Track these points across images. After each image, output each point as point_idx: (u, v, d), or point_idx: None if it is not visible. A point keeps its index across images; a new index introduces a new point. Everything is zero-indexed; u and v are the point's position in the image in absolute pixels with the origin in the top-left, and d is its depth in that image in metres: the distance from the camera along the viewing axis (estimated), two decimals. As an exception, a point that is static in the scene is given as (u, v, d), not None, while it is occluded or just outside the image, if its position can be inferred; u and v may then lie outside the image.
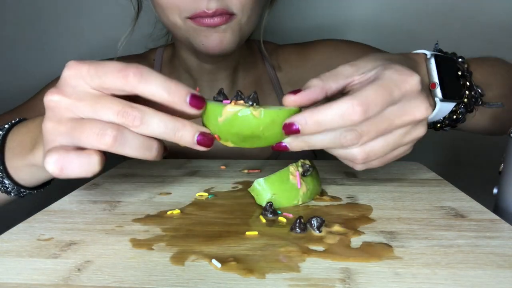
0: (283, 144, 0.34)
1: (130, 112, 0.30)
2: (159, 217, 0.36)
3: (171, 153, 0.65)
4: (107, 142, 0.30)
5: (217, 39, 0.52)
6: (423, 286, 0.24)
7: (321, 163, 0.53)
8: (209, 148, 0.33)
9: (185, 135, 0.32)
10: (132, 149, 0.31)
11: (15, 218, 0.40)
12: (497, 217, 0.34)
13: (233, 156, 0.64)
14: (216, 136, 0.34)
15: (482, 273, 0.26)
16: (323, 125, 0.32)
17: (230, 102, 0.33)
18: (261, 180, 0.37)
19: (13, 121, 0.43)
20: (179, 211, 0.37)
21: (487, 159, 0.56)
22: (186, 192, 0.43)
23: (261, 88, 0.69)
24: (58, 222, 0.35)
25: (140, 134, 0.31)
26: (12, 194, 0.43)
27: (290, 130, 0.32)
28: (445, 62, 0.45)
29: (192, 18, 0.51)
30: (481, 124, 0.53)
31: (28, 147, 0.39)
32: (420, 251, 0.29)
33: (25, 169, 0.40)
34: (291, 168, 0.38)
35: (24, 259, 0.29)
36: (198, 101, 0.32)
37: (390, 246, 0.29)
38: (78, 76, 0.31)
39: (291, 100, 0.33)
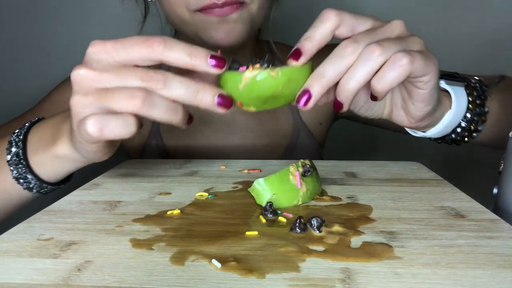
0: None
1: (154, 76, 0.32)
2: (159, 217, 0.36)
3: (172, 153, 0.66)
4: (137, 103, 0.32)
5: (227, 29, 0.51)
6: (423, 286, 0.24)
7: (321, 163, 0.53)
8: (228, 110, 0.34)
9: (206, 96, 0.33)
10: (159, 111, 0.33)
11: (15, 218, 0.40)
12: (497, 217, 0.34)
13: (233, 156, 0.64)
14: (238, 103, 0.35)
15: (482, 273, 0.26)
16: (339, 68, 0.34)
17: (247, 68, 0.34)
18: (261, 180, 0.37)
19: (32, 120, 0.45)
20: (179, 211, 0.37)
21: (487, 159, 0.56)
22: (186, 192, 0.43)
23: None
24: (58, 222, 0.35)
25: (165, 97, 0.33)
26: (34, 191, 0.44)
27: (304, 97, 0.34)
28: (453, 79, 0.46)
29: (201, 10, 0.50)
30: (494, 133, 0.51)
31: (49, 141, 0.41)
32: (420, 251, 0.29)
33: (48, 162, 0.42)
34: (291, 168, 0.38)
35: (24, 259, 0.29)
36: (219, 60, 0.33)
37: (390, 246, 0.29)
38: (103, 51, 0.33)
39: (294, 64, 0.35)
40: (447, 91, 0.45)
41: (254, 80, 0.33)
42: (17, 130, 0.44)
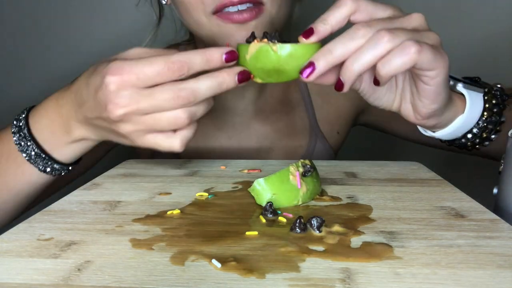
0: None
1: (182, 95, 0.36)
2: (159, 217, 0.36)
3: (171, 153, 0.65)
4: (184, 123, 0.38)
5: (246, 36, 0.49)
6: (423, 286, 0.24)
7: (321, 163, 0.53)
8: (249, 81, 0.39)
9: (229, 83, 0.38)
10: (200, 114, 0.39)
11: (15, 218, 0.40)
12: (497, 217, 0.34)
13: (233, 156, 0.64)
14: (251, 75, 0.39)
15: (482, 273, 0.26)
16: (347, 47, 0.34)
17: (253, 40, 0.37)
18: (261, 180, 0.37)
19: (20, 118, 0.46)
20: (179, 211, 0.37)
21: (487, 159, 0.56)
22: (186, 192, 0.43)
23: (288, 97, 0.66)
24: (58, 222, 0.35)
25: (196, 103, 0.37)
26: (63, 173, 0.47)
27: (308, 69, 0.35)
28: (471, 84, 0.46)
29: (218, 12, 0.48)
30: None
31: (61, 132, 0.44)
32: (420, 251, 0.29)
33: (71, 149, 0.45)
34: (291, 168, 0.38)
35: (24, 259, 0.29)
36: (230, 55, 0.37)
37: (390, 246, 0.29)
38: (128, 85, 0.36)
39: (303, 42, 0.36)
40: (463, 95, 0.44)
41: (258, 52, 0.37)
42: (14, 129, 0.45)
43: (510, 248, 0.29)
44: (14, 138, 0.45)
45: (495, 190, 0.40)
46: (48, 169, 0.46)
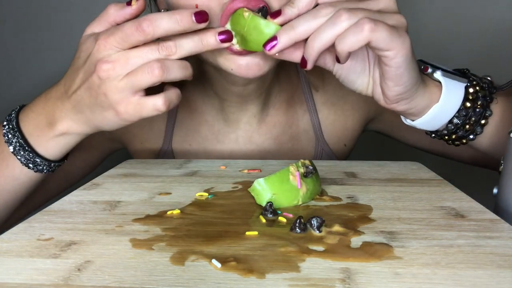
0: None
1: (166, 45, 0.39)
2: (159, 217, 0.36)
3: (174, 155, 0.65)
4: (158, 74, 0.39)
5: (247, 62, 0.44)
6: (423, 286, 0.24)
7: (321, 163, 0.53)
8: (232, 40, 0.41)
9: (209, 39, 0.40)
10: (176, 73, 0.40)
11: (15, 218, 0.40)
12: (497, 217, 0.34)
13: (234, 157, 0.63)
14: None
15: (482, 273, 0.26)
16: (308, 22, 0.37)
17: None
18: (261, 180, 0.37)
19: (12, 112, 0.48)
20: (179, 211, 0.37)
21: (486, 162, 0.56)
22: (186, 192, 0.43)
23: (293, 108, 0.64)
24: (58, 222, 0.35)
25: (177, 57, 0.40)
26: (45, 171, 0.48)
27: (271, 43, 0.38)
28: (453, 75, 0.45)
29: None
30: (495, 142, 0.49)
31: (45, 125, 0.45)
32: (420, 251, 0.29)
33: (53, 142, 0.45)
34: (291, 168, 0.38)
35: (24, 259, 0.29)
36: (201, 16, 0.38)
37: (390, 246, 0.29)
38: (107, 48, 0.39)
39: (270, 21, 0.38)
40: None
41: (234, 15, 0.40)
42: (5, 122, 0.47)
43: (510, 248, 0.29)
44: (4, 130, 0.46)
45: (495, 190, 0.40)
46: (31, 164, 0.46)
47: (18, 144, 0.45)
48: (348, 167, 0.52)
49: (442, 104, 0.43)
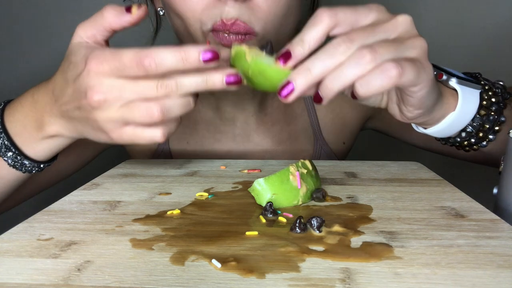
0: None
1: (166, 82, 0.34)
2: (159, 217, 0.36)
3: (171, 154, 0.65)
4: (157, 116, 0.35)
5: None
6: (423, 286, 0.24)
7: (321, 163, 0.53)
8: (240, 85, 0.36)
9: (216, 81, 0.35)
10: (177, 111, 0.36)
11: (15, 218, 0.40)
12: (497, 217, 0.34)
13: (233, 156, 0.63)
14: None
15: (482, 273, 0.26)
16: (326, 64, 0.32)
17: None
18: (261, 180, 0.37)
19: None
20: (179, 211, 0.37)
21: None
22: (186, 192, 0.43)
23: (291, 107, 0.64)
24: (58, 222, 0.35)
25: (177, 96, 0.35)
26: (34, 171, 0.46)
27: (286, 89, 0.33)
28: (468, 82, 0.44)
29: (214, 31, 0.46)
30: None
31: (33, 126, 0.42)
32: (420, 251, 0.29)
33: (42, 145, 0.43)
34: (291, 168, 0.38)
35: (24, 259, 0.29)
36: (209, 55, 0.33)
37: (390, 246, 0.29)
38: (99, 75, 0.34)
39: (281, 67, 0.34)
40: (456, 90, 0.43)
41: (236, 55, 0.35)
42: None
43: (510, 248, 0.29)
44: None
45: (495, 190, 0.40)
46: (18, 165, 0.44)
47: (3, 145, 0.43)
48: (348, 167, 0.52)
49: (458, 113, 0.42)
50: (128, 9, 0.36)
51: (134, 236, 0.32)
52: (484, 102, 0.44)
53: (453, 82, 0.43)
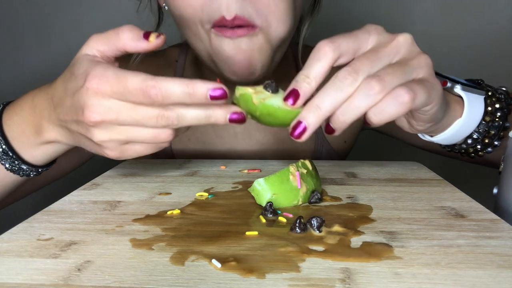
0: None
1: (167, 115, 0.33)
2: (159, 217, 0.36)
3: (172, 150, 0.65)
4: (152, 147, 0.36)
5: (244, 61, 0.46)
6: (423, 286, 0.24)
7: (321, 163, 0.53)
8: (243, 123, 0.35)
9: (218, 118, 0.34)
10: (175, 136, 0.36)
11: (15, 218, 0.40)
12: (497, 217, 0.34)
13: (233, 156, 0.63)
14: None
15: (482, 273, 0.26)
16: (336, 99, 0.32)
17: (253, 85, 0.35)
18: (261, 180, 0.37)
19: None
20: (179, 211, 0.37)
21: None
22: (186, 192, 0.43)
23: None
24: (58, 222, 0.35)
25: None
26: (31, 175, 0.45)
27: (298, 130, 0.33)
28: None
29: (214, 27, 0.46)
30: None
31: (32, 132, 0.42)
32: (420, 251, 0.29)
33: (40, 150, 0.43)
34: (291, 168, 0.38)
35: (24, 259, 0.29)
36: (218, 93, 0.32)
37: (390, 246, 0.29)
38: (107, 95, 0.33)
39: (290, 108, 0.33)
40: (461, 97, 0.43)
41: (241, 97, 0.34)
42: None
43: (510, 248, 0.29)
44: None
45: (495, 190, 0.40)
46: (15, 169, 0.44)
47: (1, 149, 0.42)
48: (348, 167, 0.52)
49: (464, 119, 0.42)
50: (146, 35, 0.35)
51: (134, 236, 0.32)
52: (489, 108, 0.44)
53: (458, 89, 0.43)
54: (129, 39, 0.35)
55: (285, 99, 0.33)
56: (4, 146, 0.42)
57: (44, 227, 0.34)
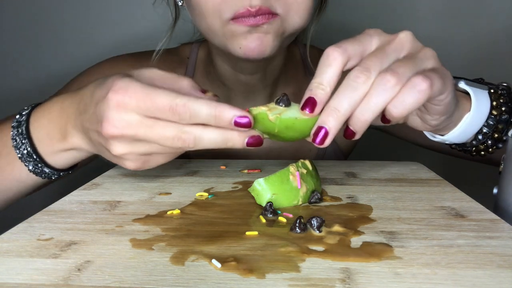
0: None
1: (184, 137, 0.34)
2: (159, 217, 0.36)
3: (192, 157, 0.65)
4: (166, 160, 0.38)
5: (257, 40, 0.47)
6: (423, 286, 0.24)
7: (321, 163, 0.53)
8: (260, 146, 0.35)
9: (235, 143, 0.34)
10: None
11: (15, 218, 0.40)
12: (497, 217, 0.34)
13: (233, 156, 0.63)
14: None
15: (482, 273, 0.26)
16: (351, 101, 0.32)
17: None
18: (261, 180, 0.37)
19: (23, 113, 0.45)
20: (179, 211, 0.37)
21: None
22: (186, 192, 0.43)
23: (299, 101, 0.64)
24: (58, 222, 0.35)
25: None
26: (53, 178, 0.46)
27: (320, 135, 0.33)
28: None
29: (234, 19, 0.47)
30: None
31: (57, 136, 0.42)
32: (420, 251, 0.29)
33: (63, 155, 0.44)
34: (291, 168, 0.38)
35: (24, 259, 0.29)
36: (242, 120, 0.33)
37: (390, 246, 0.29)
38: (129, 109, 0.34)
39: (308, 116, 0.34)
40: (467, 93, 0.43)
41: (256, 117, 0.34)
42: (14, 123, 0.44)
43: (510, 248, 0.29)
44: (11, 133, 0.44)
45: (495, 190, 0.40)
46: (38, 171, 0.45)
47: (26, 152, 0.43)
48: (348, 167, 0.52)
49: (473, 113, 0.43)
50: (204, 91, 0.38)
51: (134, 236, 0.32)
52: (494, 103, 0.44)
53: (462, 84, 0.44)
54: (189, 87, 0.38)
55: (302, 108, 0.33)
56: (29, 149, 0.43)
57: (44, 227, 0.34)
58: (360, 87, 0.32)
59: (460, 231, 0.32)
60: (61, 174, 0.46)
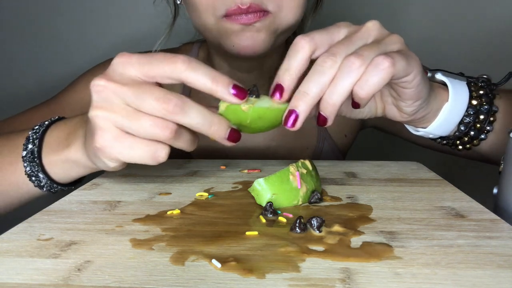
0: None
1: (171, 99, 0.32)
2: (159, 217, 0.36)
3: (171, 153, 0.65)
4: (166, 134, 0.33)
5: (250, 38, 0.48)
6: (423, 286, 0.24)
7: (321, 163, 0.53)
8: (234, 144, 0.36)
9: (219, 130, 0.35)
10: (182, 143, 0.36)
11: (15, 218, 0.40)
12: (497, 217, 0.34)
13: (236, 152, 0.63)
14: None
15: (482, 273, 0.26)
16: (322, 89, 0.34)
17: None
18: (261, 180, 0.37)
19: (52, 119, 0.45)
20: (179, 211, 0.37)
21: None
22: (186, 192, 0.43)
23: None
24: (58, 222, 0.35)
25: (180, 123, 0.34)
26: (44, 189, 0.45)
27: (291, 119, 0.34)
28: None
29: (227, 16, 0.48)
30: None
31: (63, 143, 0.42)
32: (420, 251, 0.29)
33: (60, 164, 0.42)
34: (291, 168, 0.38)
35: (24, 259, 0.29)
36: (240, 92, 0.34)
37: (390, 246, 0.29)
38: (127, 63, 0.33)
39: (277, 101, 0.35)
40: (445, 84, 0.44)
41: (228, 109, 0.35)
42: (36, 127, 0.45)
43: (510, 248, 0.29)
44: (30, 132, 0.44)
45: (495, 190, 0.40)
46: (33, 174, 0.43)
47: (30, 151, 0.43)
48: (348, 167, 0.52)
49: (452, 103, 0.43)
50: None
51: (134, 236, 0.32)
52: (474, 94, 0.45)
53: (439, 75, 0.44)
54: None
55: (272, 94, 0.35)
56: (35, 148, 0.43)
57: (44, 227, 0.34)
58: (327, 71, 0.33)
59: (460, 231, 0.32)
60: (54, 185, 0.44)
